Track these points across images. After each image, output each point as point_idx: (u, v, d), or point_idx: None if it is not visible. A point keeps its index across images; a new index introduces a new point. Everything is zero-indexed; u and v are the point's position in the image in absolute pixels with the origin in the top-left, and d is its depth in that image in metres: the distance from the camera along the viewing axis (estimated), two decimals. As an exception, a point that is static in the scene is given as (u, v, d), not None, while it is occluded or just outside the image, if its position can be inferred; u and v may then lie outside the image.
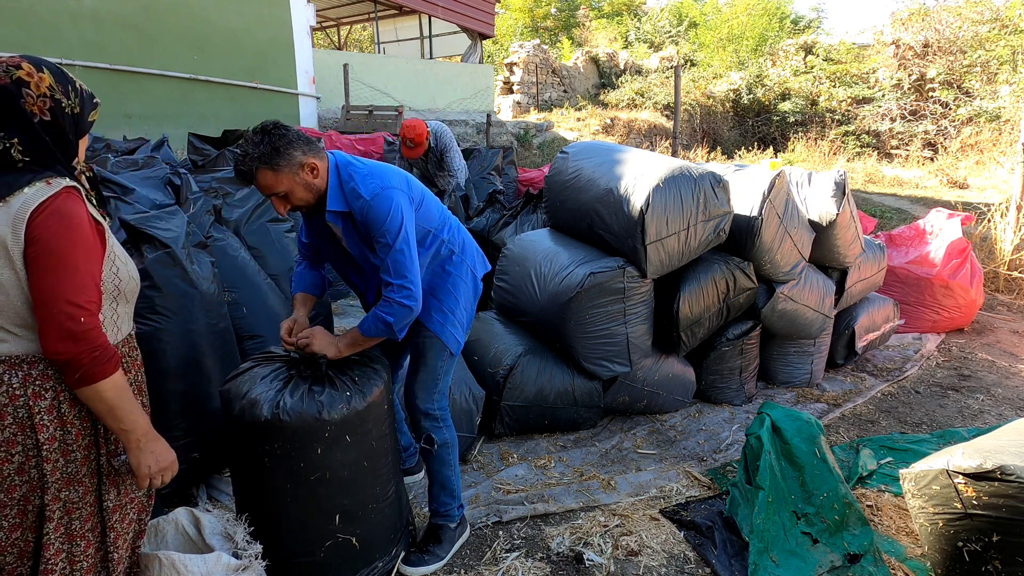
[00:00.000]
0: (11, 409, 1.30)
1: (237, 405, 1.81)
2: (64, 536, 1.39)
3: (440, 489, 2.20)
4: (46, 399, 1.32)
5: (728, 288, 3.25)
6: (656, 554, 2.25)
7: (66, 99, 1.30)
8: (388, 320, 1.84)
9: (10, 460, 1.32)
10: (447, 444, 2.17)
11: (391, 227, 1.81)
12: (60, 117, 1.30)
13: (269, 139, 1.75)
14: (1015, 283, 5.73)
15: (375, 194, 1.82)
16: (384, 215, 1.81)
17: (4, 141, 1.24)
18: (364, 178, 1.85)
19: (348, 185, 1.85)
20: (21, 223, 1.23)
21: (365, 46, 20.70)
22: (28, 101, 1.25)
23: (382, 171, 1.91)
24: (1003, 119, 12.39)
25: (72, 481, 1.38)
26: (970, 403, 3.63)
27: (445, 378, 2.15)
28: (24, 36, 6.73)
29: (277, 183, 1.77)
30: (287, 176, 1.77)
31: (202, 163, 4.54)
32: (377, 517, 1.97)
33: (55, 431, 1.33)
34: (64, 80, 1.32)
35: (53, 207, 1.26)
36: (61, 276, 1.25)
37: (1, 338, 1.29)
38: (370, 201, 1.81)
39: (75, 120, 1.34)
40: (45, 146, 1.29)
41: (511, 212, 4.40)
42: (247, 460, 1.86)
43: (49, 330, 1.25)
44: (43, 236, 1.24)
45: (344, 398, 1.83)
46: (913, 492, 2.16)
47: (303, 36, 9.28)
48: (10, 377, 1.29)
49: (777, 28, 20.30)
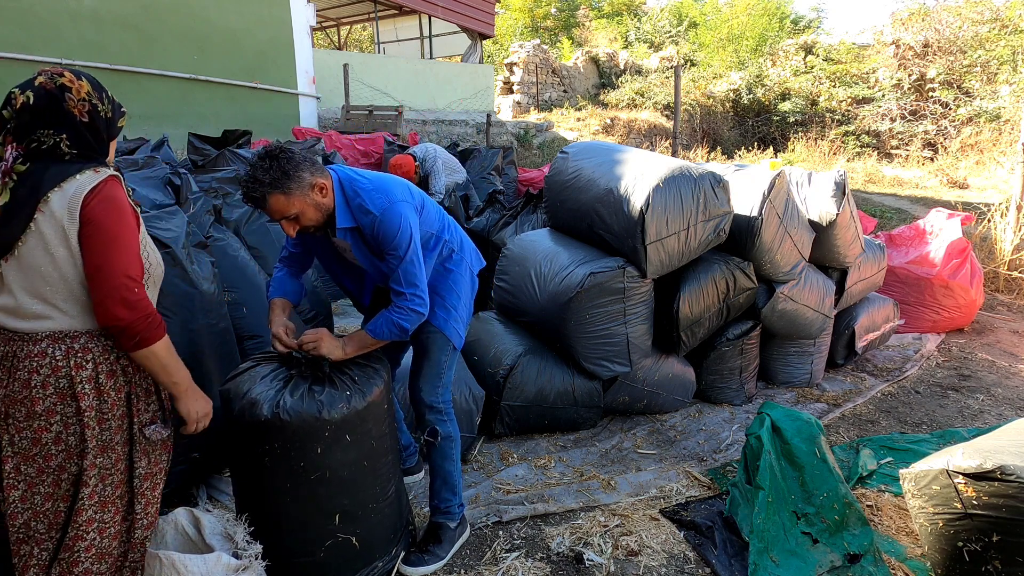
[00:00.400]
0: (53, 380, 1.42)
1: (237, 405, 1.81)
2: (97, 503, 1.49)
3: (442, 484, 2.21)
4: (86, 370, 1.44)
5: (728, 288, 3.25)
6: (656, 554, 2.25)
7: (101, 104, 1.49)
8: (403, 325, 1.91)
9: (48, 429, 1.43)
10: (450, 438, 2.21)
11: (402, 241, 1.87)
12: (96, 119, 1.47)
13: (278, 163, 1.76)
14: (1015, 283, 5.73)
15: (383, 210, 1.86)
16: (395, 230, 1.86)
17: (54, 137, 1.42)
18: (370, 193, 1.89)
19: (355, 201, 1.88)
20: (76, 205, 1.39)
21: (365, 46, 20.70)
22: (70, 104, 1.42)
23: (385, 185, 1.93)
24: (1003, 119, 12.39)
25: (106, 448, 1.49)
26: (970, 403, 3.63)
27: (448, 372, 2.20)
28: (24, 36, 6.72)
29: (289, 206, 1.79)
30: (298, 199, 1.79)
31: (202, 163, 4.54)
32: (377, 517, 1.97)
33: (93, 400, 1.46)
34: (99, 88, 1.50)
35: (104, 192, 1.43)
36: (116, 252, 1.42)
37: (47, 315, 1.42)
38: (380, 217, 1.86)
39: (107, 123, 1.51)
40: (88, 142, 1.47)
41: (511, 212, 4.40)
42: (247, 460, 1.86)
43: (109, 301, 1.40)
44: (97, 217, 1.40)
45: (344, 397, 1.83)
46: (913, 492, 2.16)
47: (303, 36, 9.29)
48: (53, 351, 1.42)
49: (777, 28, 20.29)
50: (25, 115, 1.40)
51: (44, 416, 1.42)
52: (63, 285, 1.41)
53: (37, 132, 1.41)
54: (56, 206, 1.38)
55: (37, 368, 1.41)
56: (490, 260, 4.13)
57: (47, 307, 1.42)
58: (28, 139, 1.41)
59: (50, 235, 1.39)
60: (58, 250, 1.39)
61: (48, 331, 1.42)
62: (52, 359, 1.42)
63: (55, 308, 1.42)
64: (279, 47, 9.07)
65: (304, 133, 7.47)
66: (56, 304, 1.42)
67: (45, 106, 1.41)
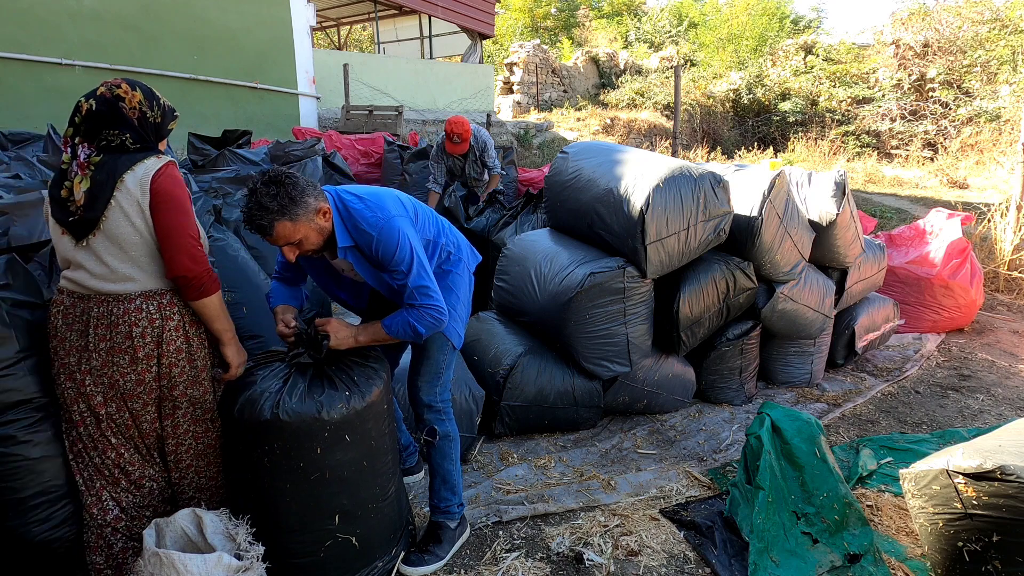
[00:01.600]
0: (150, 330, 1.76)
1: (236, 405, 1.82)
2: (190, 420, 1.88)
3: (441, 483, 2.21)
4: (174, 320, 1.79)
5: (728, 288, 3.25)
6: (656, 554, 2.25)
7: (150, 112, 1.79)
8: (419, 329, 1.91)
9: (150, 370, 1.78)
10: (449, 436, 2.21)
11: (403, 257, 1.86)
12: (144, 123, 1.78)
13: (284, 189, 1.75)
14: (1015, 283, 5.73)
15: (380, 228, 1.85)
16: (393, 247, 1.85)
17: (119, 136, 1.74)
18: (363, 212, 1.88)
19: (350, 222, 1.88)
20: (147, 182, 1.72)
21: (365, 46, 20.70)
22: (124, 110, 1.74)
23: (378, 200, 1.92)
24: (1003, 119, 12.38)
25: (195, 382, 1.86)
26: (970, 403, 3.63)
27: (447, 371, 2.21)
28: (24, 36, 6.72)
29: (295, 232, 1.79)
30: (304, 224, 1.79)
31: (202, 163, 4.54)
32: (377, 516, 1.97)
33: (181, 344, 1.81)
34: (151, 97, 1.80)
35: (167, 171, 1.75)
36: (182, 217, 1.75)
37: (134, 276, 1.74)
38: (377, 236, 1.85)
39: (156, 127, 1.82)
40: (144, 138, 1.79)
41: (511, 212, 4.40)
42: (247, 460, 1.86)
43: (179, 256, 1.73)
44: (164, 189, 1.73)
45: (343, 397, 1.83)
46: (913, 492, 2.16)
47: (303, 36, 9.28)
48: (148, 306, 1.75)
49: (777, 28, 20.29)
50: (91, 120, 1.72)
51: (145, 360, 1.75)
52: (144, 248, 1.74)
53: (103, 132, 1.73)
54: (131, 184, 1.70)
55: (136, 321, 1.73)
56: (490, 260, 4.13)
57: (134, 268, 1.74)
58: (97, 138, 1.73)
59: (128, 208, 1.70)
60: (136, 220, 1.71)
61: (139, 291, 1.75)
62: (148, 313, 1.75)
63: (140, 269, 1.75)
64: (279, 47, 9.06)
65: (304, 133, 7.47)
66: (141, 265, 1.74)
67: (106, 112, 1.72)
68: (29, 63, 6.78)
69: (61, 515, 1.85)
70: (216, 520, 1.81)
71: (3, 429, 1.76)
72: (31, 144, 5.02)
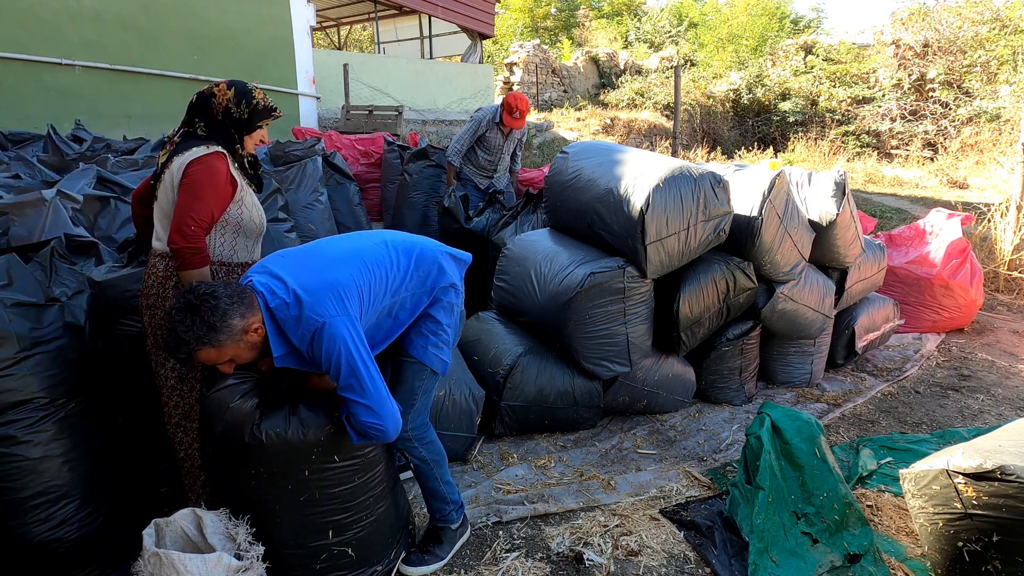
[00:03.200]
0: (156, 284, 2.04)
1: (219, 427, 1.76)
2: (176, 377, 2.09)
3: (431, 497, 2.18)
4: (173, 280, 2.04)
5: (728, 288, 3.25)
6: (656, 554, 2.25)
7: (236, 108, 2.06)
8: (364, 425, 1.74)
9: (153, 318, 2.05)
10: (425, 461, 2.11)
11: (336, 365, 1.69)
12: (228, 118, 2.07)
13: (200, 317, 1.61)
14: (1015, 283, 5.73)
15: (313, 335, 1.69)
16: (328, 356, 1.69)
17: (196, 124, 2.05)
18: (296, 320, 1.70)
19: (285, 327, 1.73)
20: (183, 165, 1.98)
21: (365, 46, 20.70)
22: (213, 103, 2.05)
23: (313, 298, 1.71)
24: (1003, 119, 12.38)
25: None
26: (970, 403, 3.63)
27: (424, 398, 2.07)
28: (24, 36, 6.72)
29: (222, 355, 1.67)
30: (230, 347, 1.66)
31: (202, 163, 4.53)
32: (373, 525, 1.95)
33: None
34: (241, 96, 2.07)
35: (205, 159, 2.00)
36: (192, 200, 1.96)
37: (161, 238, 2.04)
38: (312, 346, 1.70)
39: (240, 122, 2.08)
40: (217, 130, 2.07)
41: (511, 212, 4.40)
42: (235, 480, 1.83)
43: (174, 229, 1.94)
44: (192, 175, 1.97)
45: (329, 417, 1.79)
46: (913, 492, 2.16)
47: (303, 36, 9.28)
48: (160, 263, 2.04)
49: (777, 28, 20.30)
50: (188, 110, 2.07)
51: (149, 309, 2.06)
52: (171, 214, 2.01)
53: (194, 120, 2.06)
54: (175, 166, 1.99)
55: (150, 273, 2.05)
56: (490, 260, 4.13)
57: (163, 231, 2.03)
58: (189, 124, 2.07)
59: (168, 183, 2.00)
60: (171, 193, 2.00)
61: (161, 250, 2.02)
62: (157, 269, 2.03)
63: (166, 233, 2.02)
64: (279, 47, 9.06)
65: (304, 133, 7.47)
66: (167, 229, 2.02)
67: (198, 104, 2.06)
68: (29, 63, 6.78)
69: (61, 515, 1.85)
70: (216, 520, 1.81)
71: (3, 429, 1.77)
72: (31, 144, 5.02)
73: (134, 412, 2.30)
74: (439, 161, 5.45)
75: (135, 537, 1.80)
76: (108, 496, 2.04)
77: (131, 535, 1.92)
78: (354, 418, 1.74)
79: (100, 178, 3.30)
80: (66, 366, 1.90)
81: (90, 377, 2.04)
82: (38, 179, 3.51)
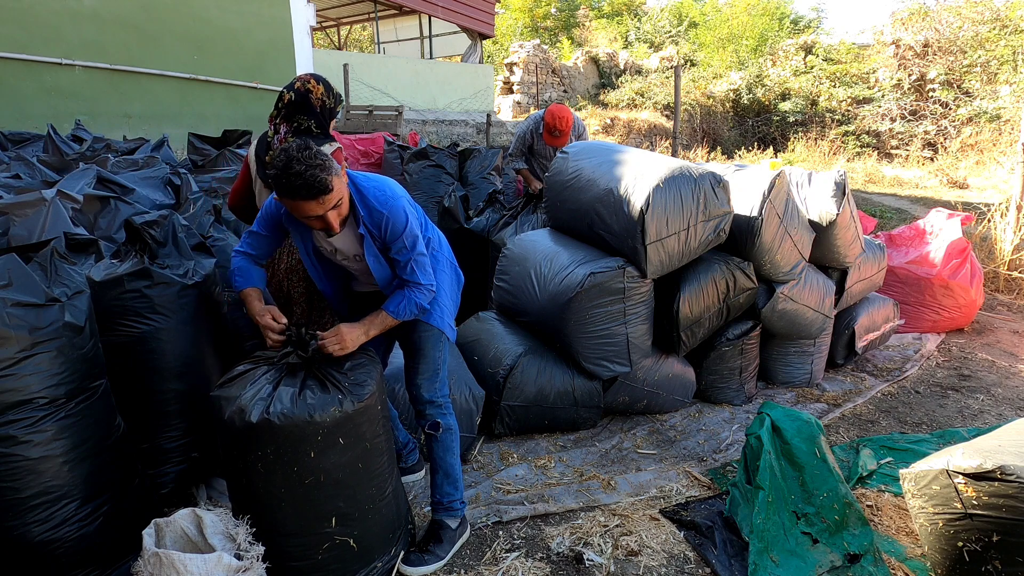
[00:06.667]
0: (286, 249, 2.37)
1: (227, 411, 1.79)
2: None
3: (443, 478, 2.21)
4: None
5: (728, 288, 3.25)
6: (656, 554, 2.25)
7: (327, 100, 2.31)
8: (423, 305, 2.02)
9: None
10: (451, 429, 2.23)
11: (410, 234, 1.93)
12: (323, 110, 2.31)
13: (312, 149, 1.75)
14: (1015, 283, 5.73)
15: (390, 207, 1.91)
16: (403, 224, 1.92)
17: (307, 121, 2.28)
18: (374, 192, 1.92)
19: (362, 197, 1.92)
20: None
21: (365, 46, 20.70)
22: (312, 100, 2.27)
23: (385, 182, 1.98)
24: (1003, 119, 12.39)
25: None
26: (970, 403, 3.63)
27: (444, 365, 2.24)
28: (24, 36, 6.73)
29: (341, 188, 1.81)
30: (339, 182, 1.80)
31: (202, 163, 4.54)
32: (375, 517, 1.96)
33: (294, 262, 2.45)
34: (328, 88, 2.33)
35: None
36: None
37: None
38: (389, 214, 1.91)
39: (330, 112, 2.34)
40: (324, 124, 2.31)
41: (511, 212, 4.40)
42: (240, 465, 1.84)
43: None
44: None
45: (336, 400, 1.82)
46: (913, 492, 2.16)
47: (303, 36, 9.29)
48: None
49: (777, 28, 20.31)
50: (289, 107, 2.27)
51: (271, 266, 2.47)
52: None
53: (296, 117, 2.27)
54: None
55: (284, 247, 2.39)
56: (490, 260, 4.13)
57: None
58: (292, 121, 2.28)
59: None
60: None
61: None
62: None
63: None
64: (279, 47, 9.07)
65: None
66: None
67: (300, 101, 2.26)
68: (29, 63, 6.78)
69: (61, 515, 1.85)
70: (216, 520, 1.81)
71: (3, 429, 1.76)
72: (31, 144, 5.02)
73: (134, 412, 2.30)
74: (439, 161, 5.44)
75: (135, 537, 1.81)
76: (108, 496, 2.04)
77: (131, 535, 1.92)
78: (409, 303, 1.98)
79: (100, 178, 3.30)
80: (66, 366, 1.90)
81: (90, 377, 2.04)
82: (38, 179, 3.51)
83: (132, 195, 3.24)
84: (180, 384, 2.31)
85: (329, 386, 1.85)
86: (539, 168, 4.88)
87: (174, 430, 2.33)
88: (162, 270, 2.29)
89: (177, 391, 2.31)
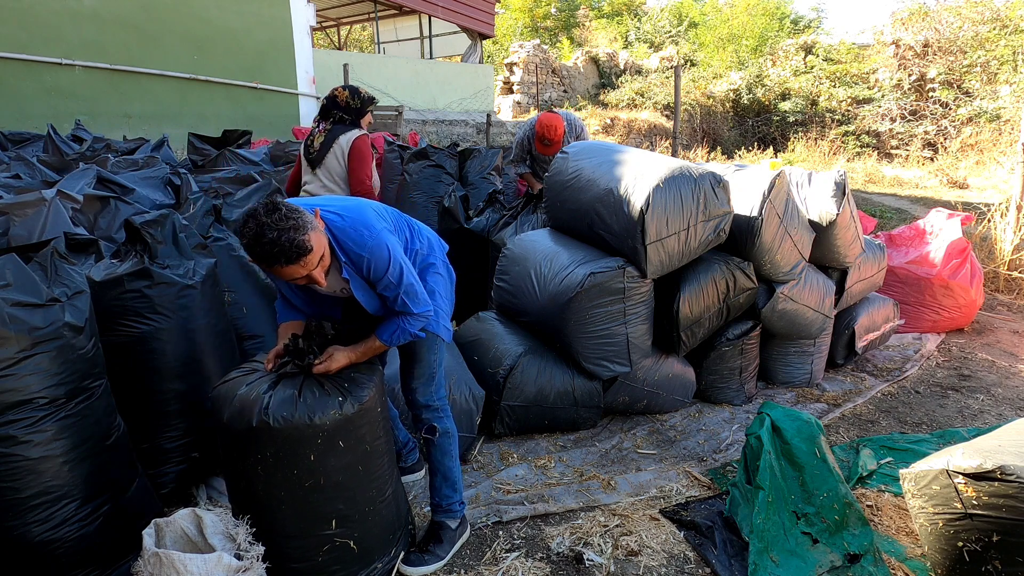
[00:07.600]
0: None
1: (226, 412, 1.78)
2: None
3: (442, 481, 2.21)
4: None
5: (728, 288, 3.25)
6: (656, 554, 2.25)
7: (352, 102, 3.16)
8: (415, 333, 1.98)
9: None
10: (449, 433, 2.22)
11: (394, 271, 1.85)
12: (348, 108, 3.16)
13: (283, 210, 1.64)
14: (1015, 283, 5.73)
15: (370, 247, 1.82)
16: (385, 264, 1.84)
17: (338, 114, 3.15)
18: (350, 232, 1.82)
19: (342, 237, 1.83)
20: (350, 141, 3.14)
21: (365, 46, 20.71)
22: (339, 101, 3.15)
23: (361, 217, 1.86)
24: (1003, 119, 12.39)
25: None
26: (970, 403, 3.63)
27: (440, 369, 2.22)
28: (24, 36, 6.73)
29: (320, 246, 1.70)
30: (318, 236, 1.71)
31: (202, 163, 4.54)
32: (375, 519, 1.96)
33: None
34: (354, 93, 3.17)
35: (360, 138, 3.16)
36: (363, 164, 3.14)
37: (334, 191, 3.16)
38: (369, 256, 1.82)
39: (356, 111, 3.17)
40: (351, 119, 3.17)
41: (511, 212, 4.39)
42: (240, 468, 1.84)
43: (357, 184, 3.13)
44: (359, 148, 3.14)
45: (335, 403, 1.81)
46: (913, 492, 2.16)
47: (303, 36, 9.29)
48: None
49: (777, 28, 20.32)
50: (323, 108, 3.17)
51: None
52: (342, 175, 3.16)
53: (332, 113, 3.16)
54: (343, 141, 3.13)
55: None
56: (490, 260, 4.12)
57: (334, 186, 3.15)
58: (328, 117, 3.17)
59: (338, 154, 3.14)
60: (341, 160, 3.14)
61: None
62: None
63: (337, 186, 3.15)
64: (279, 47, 9.07)
65: (304, 133, 7.47)
66: (338, 184, 3.15)
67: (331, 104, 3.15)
68: (29, 63, 6.78)
69: (61, 515, 1.85)
70: (216, 520, 1.81)
71: (3, 429, 1.76)
72: (31, 144, 5.02)
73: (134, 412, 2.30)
74: (439, 161, 5.44)
75: (135, 537, 1.81)
76: (108, 496, 2.04)
77: (131, 535, 1.92)
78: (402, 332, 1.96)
79: (100, 178, 3.30)
80: (66, 366, 1.90)
81: (90, 377, 2.04)
82: (38, 179, 3.51)
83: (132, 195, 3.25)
84: (180, 384, 2.31)
85: (329, 388, 1.85)
86: (540, 171, 4.89)
87: (174, 430, 2.33)
88: (162, 270, 2.29)
89: (177, 391, 2.31)
